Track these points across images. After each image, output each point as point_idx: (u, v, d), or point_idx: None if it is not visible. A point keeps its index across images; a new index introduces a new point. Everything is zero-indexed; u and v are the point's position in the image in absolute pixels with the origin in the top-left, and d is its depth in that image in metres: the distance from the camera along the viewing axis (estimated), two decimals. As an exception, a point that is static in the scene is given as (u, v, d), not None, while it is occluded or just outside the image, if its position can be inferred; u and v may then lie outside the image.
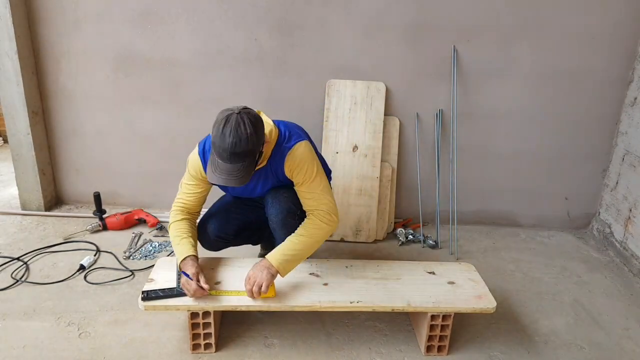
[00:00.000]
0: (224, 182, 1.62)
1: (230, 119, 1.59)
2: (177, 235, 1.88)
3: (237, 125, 1.57)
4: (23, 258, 2.40)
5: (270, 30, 2.68)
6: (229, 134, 1.56)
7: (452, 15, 2.64)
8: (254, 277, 1.73)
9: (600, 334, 2.07)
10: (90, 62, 2.76)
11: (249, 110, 1.64)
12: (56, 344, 1.83)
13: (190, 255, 1.80)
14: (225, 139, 1.57)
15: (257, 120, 1.64)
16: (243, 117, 1.59)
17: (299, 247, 1.79)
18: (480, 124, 2.85)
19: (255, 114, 1.66)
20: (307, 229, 1.83)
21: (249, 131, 1.58)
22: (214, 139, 1.61)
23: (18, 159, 2.86)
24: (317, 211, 1.83)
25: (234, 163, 1.60)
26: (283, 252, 1.79)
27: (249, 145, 1.59)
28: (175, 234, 1.89)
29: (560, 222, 3.08)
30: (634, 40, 2.70)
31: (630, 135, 2.75)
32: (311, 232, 1.82)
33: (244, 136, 1.57)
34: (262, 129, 1.67)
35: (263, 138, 1.67)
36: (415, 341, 1.94)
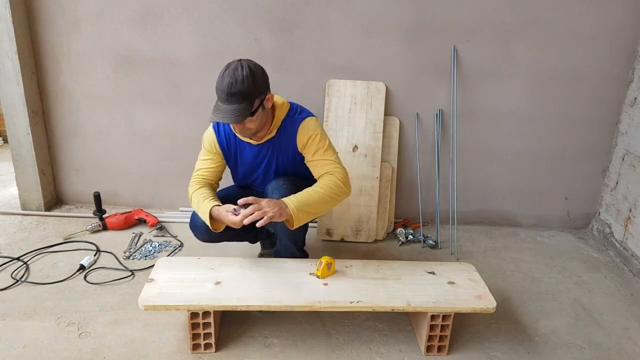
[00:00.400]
0: (220, 119, 1.70)
1: (230, 65, 1.70)
2: (199, 199, 1.90)
3: (235, 69, 1.68)
4: (23, 258, 2.40)
5: (271, 30, 2.68)
6: (227, 76, 1.67)
7: (452, 15, 2.64)
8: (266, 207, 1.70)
9: (600, 334, 2.07)
10: (90, 62, 2.76)
11: (251, 60, 1.74)
12: (56, 344, 1.83)
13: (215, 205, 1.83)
14: (224, 80, 1.68)
15: (257, 67, 1.73)
16: (243, 63, 1.70)
17: (314, 197, 1.79)
18: (480, 124, 2.85)
19: (257, 64, 1.74)
20: (323, 182, 1.84)
21: (245, 73, 1.67)
22: (216, 83, 1.71)
23: (18, 159, 2.86)
24: (334, 172, 1.86)
25: (230, 104, 1.69)
26: (299, 198, 1.77)
27: (244, 86, 1.67)
28: (197, 199, 1.91)
29: (560, 222, 3.09)
30: (634, 40, 2.70)
31: (630, 135, 2.75)
32: (327, 185, 1.82)
33: (239, 77, 1.66)
34: (262, 77, 1.74)
35: (263, 85, 1.75)
36: (415, 341, 1.95)
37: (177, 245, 2.62)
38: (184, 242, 2.66)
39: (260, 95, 1.74)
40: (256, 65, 1.74)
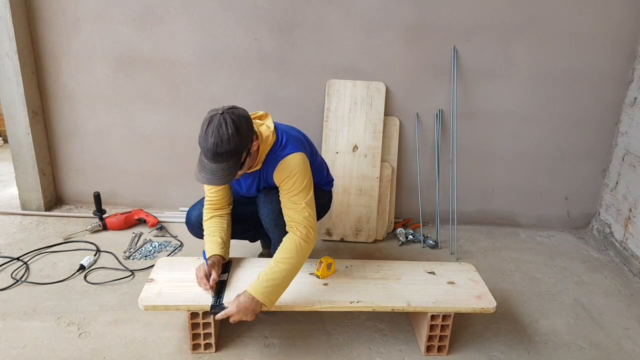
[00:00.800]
0: (207, 182, 1.63)
1: (213, 120, 1.59)
2: (206, 234, 1.94)
3: (218, 126, 1.57)
4: (23, 258, 2.40)
5: (271, 30, 2.68)
6: (211, 135, 1.57)
7: (452, 15, 2.64)
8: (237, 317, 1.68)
9: (600, 334, 2.07)
10: (90, 62, 2.76)
11: (233, 110, 1.62)
12: (56, 344, 1.83)
13: (214, 255, 1.85)
14: (208, 139, 1.58)
15: (241, 120, 1.62)
16: (226, 117, 1.59)
17: (280, 274, 1.71)
18: (480, 124, 2.85)
19: (240, 114, 1.63)
20: (286, 251, 1.74)
21: (231, 132, 1.57)
22: (199, 139, 1.62)
23: (18, 159, 2.86)
24: (296, 226, 1.77)
25: (217, 163, 1.61)
26: (265, 284, 1.69)
27: (230, 146, 1.58)
28: (205, 232, 1.95)
29: (560, 222, 3.09)
30: (634, 40, 2.70)
31: (630, 135, 2.75)
32: (290, 257, 1.72)
33: (225, 137, 1.57)
34: (247, 129, 1.64)
35: (249, 138, 1.66)
36: (415, 341, 1.94)
37: (177, 245, 2.62)
38: (184, 242, 2.66)
39: (247, 147, 1.66)
40: (239, 116, 1.62)
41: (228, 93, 2.80)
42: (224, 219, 1.97)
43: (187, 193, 3.03)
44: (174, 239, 2.70)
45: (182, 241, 2.67)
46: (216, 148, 1.57)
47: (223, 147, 1.57)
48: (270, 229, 1.96)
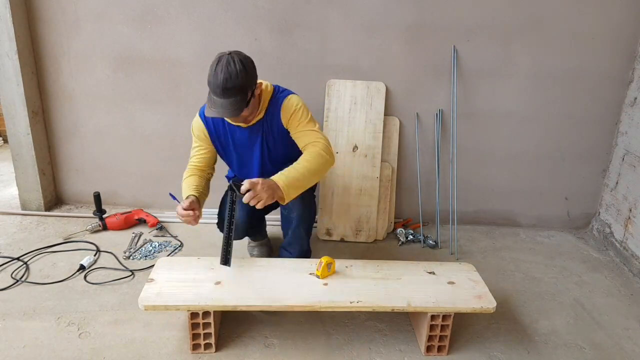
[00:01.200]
0: (218, 115, 1.76)
1: (222, 59, 1.74)
2: (185, 187, 2.04)
3: (227, 63, 1.72)
4: (23, 258, 2.40)
5: (271, 30, 2.68)
6: (221, 71, 1.72)
7: (452, 15, 2.64)
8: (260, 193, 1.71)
9: (600, 334, 2.07)
10: (90, 62, 2.76)
11: (239, 52, 1.79)
12: (56, 344, 1.83)
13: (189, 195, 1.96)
14: (218, 75, 1.72)
15: (247, 60, 1.79)
16: (234, 56, 1.75)
17: (301, 170, 1.82)
18: (480, 124, 2.85)
19: (246, 55, 1.80)
20: (307, 155, 1.87)
21: (239, 68, 1.73)
22: (208, 77, 1.76)
23: (18, 159, 2.86)
24: (317, 142, 1.90)
25: (226, 98, 1.74)
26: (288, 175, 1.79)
27: (239, 80, 1.73)
28: (183, 187, 2.05)
29: (560, 222, 3.09)
30: (634, 40, 2.70)
31: (630, 135, 2.75)
32: (311, 157, 1.85)
33: (234, 72, 1.72)
34: (253, 68, 1.81)
35: (254, 76, 1.82)
36: (415, 341, 1.95)
37: (177, 245, 2.62)
38: (184, 242, 2.66)
39: (252, 86, 1.82)
40: (246, 57, 1.79)
41: (228, 93, 2.80)
42: (202, 178, 2.09)
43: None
44: (174, 239, 2.70)
45: (182, 241, 2.67)
46: (226, 83, 1.71)
47: (232, 82, 1.72)
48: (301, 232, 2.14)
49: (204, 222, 2.90)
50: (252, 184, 1.70)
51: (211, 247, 2.62)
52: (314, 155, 1.86)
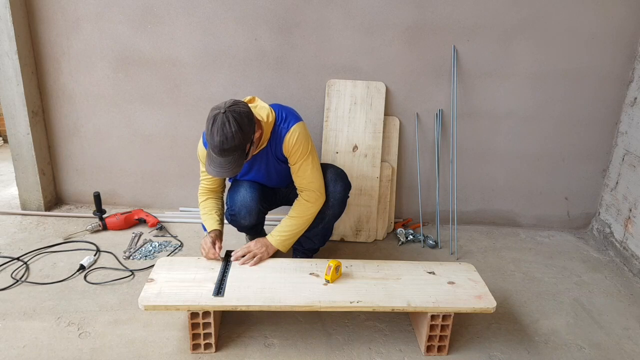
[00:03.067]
0: (218, 174, 1.81)
1: (217, 119, 1.73)
2: (204, 212, 2.15)
3: (222, 125, 1.71)
4: (23, 258, 2.40)
5: (271, 30, 2.68)
6: (217, 133, 1.72)
7: (452, 15, 2.64)
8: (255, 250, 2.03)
9: (600, 334, 2.07)
10: (90, 61, 2.76)
11: (234, 108, 1.75)
12: (56, 344, 1.83)
13: (214, 229, 2.07)
14: (214, 137, 1.73)
15: (242, 117, 1.75)
16: (228, 116, 1.72)
17: (292, 228, 2.08)
18: (480, 124, 2.85)
19: (241, 111, 1.76)
20: (296, 211, 2.08)
21: (234, 129, 1.72)
22: (206, 136, 1.78)
23: (18, 159, 2.86)
24: (306, 191, 2.07)
25: (225, 157, 1.76)
26: (280, 233, 2.08)
27: (235, 142, 1.73)
28: (202, 212, 2.17)
29: (560, 222, 3.09)
30: (634, 40, 2.70)
31: (630, 135, 2.75)
32: (300, 214, 2.08)
33: (229, 135, 1.72)
34: (248, 124, 1.78)
35: (250, 132, 1.80)
36: (415, 341, 1.95)
37: (177, 245, 2.62)
38: (184, 242, 2.66)
39: (249, 141, 1.82)
40: (240, 114, 1.75)
41: (228, 93, 2.80)
42: (219, 201, 2.21)
43: (187, 193, 3.03)
44: (174, 239, 2.70)
45: (182, 241, 2.67)
46: (222, 145, 1.73)
47: (228, 144, 1.73)
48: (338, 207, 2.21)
49: (204, 222, 2.91)
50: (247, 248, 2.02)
51: (211, 247, 2.62)
52: (303, 208, 2.07)
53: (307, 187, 2.05)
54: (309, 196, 2.06)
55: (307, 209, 2.07)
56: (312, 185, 2.05)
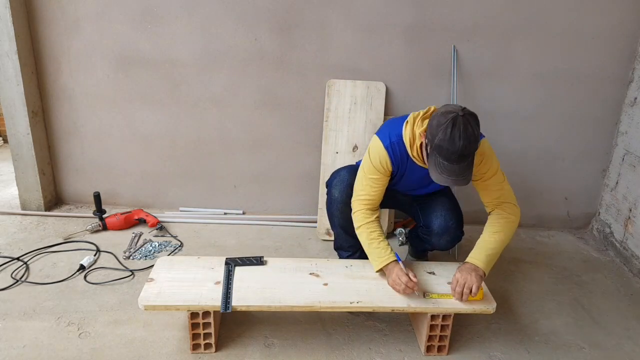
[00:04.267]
0: (454, 184, 1.66)
1: (457, 122, 1.59)
2: (374, 237, 1.90)
3: (465, 128, 1.59)
4: (23, 258, 2.40)
5: (271, 30, 2.68)
6: (459, 138, 1.58)
7: (452, 15, 2.64)
8: (464, 279, 1.78)
9: (600, 334, 2.07)
10: (90, 61, 2.76)
11: (468, 110, 1.65)
12: (56, 344, 1.83)
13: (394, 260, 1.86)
14: (455, 142, 1.58)
15: (477, 119, 1.66)
16: (468, 118, 1.61)
17: (497, 244, 1.87)
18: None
19: (474, 113, 1.67)
20: (500, 225, 1.89)
21: (476, 132, 1.62)
22: (441, 142, 1.60)
23: (18, 159, 2.86)
24: (505, 204, 1.90)
25: (461, 163, 1.63)
26: (485, 252, 1.85)
27: (476, 145, 1.63)
28: (371, 236, 1.91)
29: (560, 222, 3.08)
30: (634, 40, 2.70)
31: (630, 135, 2.75)
32: (505, 228, 1.88)
33: (472, 138, 1.60)
34: None
35: None
36: (415, 341, 1.95)
37: (177, 245, 2.62)
38: (184, 242, 2.66)
39: None
40: (475, 115, 1.66)
41: (228, 93, 2.80)
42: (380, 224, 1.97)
43: (187, 193, 3.03)
44: (174, 239, 2.70)
45: (182, 241, 2.67)
46: (464, 150, 1.59)
47: (470, 148, 1.61)
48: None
49: (203, 222, 2.92)
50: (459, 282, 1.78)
51: (211, 247, 2.62)
52: (507, 222, 1.89)
53: (505, 200, 1.90)
54: (512, 210, 1.90)
55: (511, 223, 1.89)
56: (510, 199, 1.91)
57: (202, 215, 2.98)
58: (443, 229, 2.02)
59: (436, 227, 2.02)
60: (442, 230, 2.02)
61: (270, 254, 2.58)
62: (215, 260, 2.00)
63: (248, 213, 3.06)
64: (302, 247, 2.69)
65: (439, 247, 2.08)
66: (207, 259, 2.01)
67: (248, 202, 3.06)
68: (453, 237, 2.05)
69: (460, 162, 1.62)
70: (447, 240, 2.04)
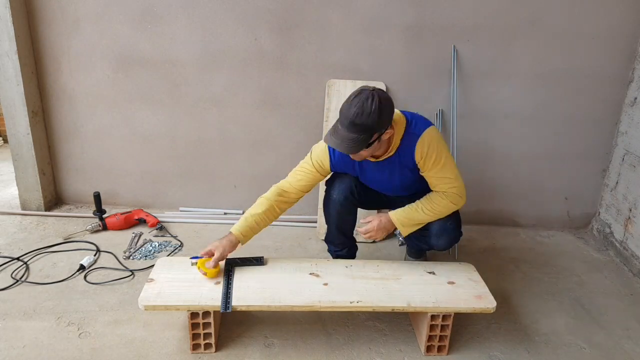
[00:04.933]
0: (335, 146, 1.72)
1: (362, 93, 1.67)
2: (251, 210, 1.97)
3: (365, 99, 1.65)
4: (23, 258, 2.40)
5: (271, 30, 2.68)
6: (355, 105, 1.66)
7: (452, 15, 2.64)
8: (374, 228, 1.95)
9: (600, 334, 2.07)
10: (90, 61, 2.76)
11: (382, 92, 1.70)
12: (56, 344, 1.83)
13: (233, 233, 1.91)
14: (351, 107, 1.66)
15: (387, 103, 1.69)
16: (374, 94, 1.66)
17: (421, 217, 1.93)
18: (480, 124, 2.85)
19: (388, 97, 1.71)
20: (433, 204, 1.92)
21: (374, 107, 1.65)
22: (342, 106, 1.70)
23: (18, 159, 2.86)
24: (448, 193, 1.92)
25: (350, 132, 1.68)
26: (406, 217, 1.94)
27: (368, 120, 1.65)
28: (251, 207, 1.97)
29: (560, 222, 3.09)
30: (634, 40, 2.70)
31: (630, 135, 2.75)
32: (436, 209, 1.92)
33: (367, 110, 1.64)
34: (388, 113, 1.71)
35: (386, 122, 1.72)
36: (415, 341, 1.94)
37: (177, 245, 2.62)
38: (184, 242, 2.66)
39: (380, 130, 1.72)
40: (387, 99, 1.70)
41: (228, 93, 2.80)
42: (277, 213, 2.00)
43: (187, 193, 3.03)
44: (174, 239, 2.70)
45: (182, 241, 2.67)
46: (355, 117, 1.65)
47: (361, 119, 1.65)
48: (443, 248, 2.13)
49: (204, 222, 2.92)
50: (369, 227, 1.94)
51: (211, 247, 2.62)
52: (441, 206, 1.92)
53: (448, 191, 1.91)
54: (452, 197, 1.92)
55: (444, 207, 1.92)
56: (455, 190, 1.92)
57: (202, 215, 2.98)
58: (441, 230, 2.02)
59: (434, 228, 2.02)
60: (440, 230, 2.02)
61: (270, 254, 2.58)
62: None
63: (248, 213, 3.05)
64: (302, 247, 2.69)
65: (438, 248, 2.09)
66: (207, 259, 2.01)
67: (248, 202, 3.01)
68: (451, 238, 2.05)
69: (349, 130, 1.68)
70: (445, 241, 2.04)
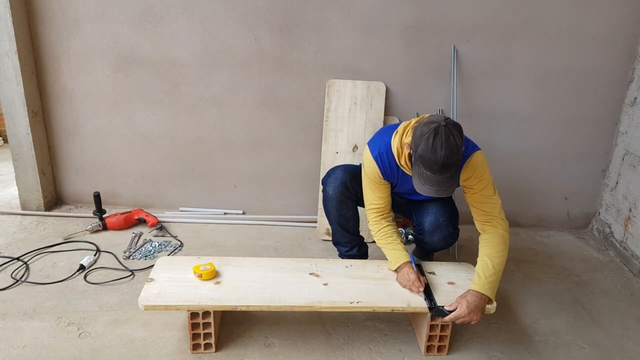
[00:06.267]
0: (435, 194, 1.66)
1: (439, 132, 1.59)
2: (388, 241, 1.97)
3: (447, 138, 1.58)
4: (23, 258, 2.40)
5: (271, 30, 2.68)
6: (441, 147, 1.57)
7: (452, 15, 2.64)
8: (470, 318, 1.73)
9: (600, 334, 2.07)
10: (90, 61, 2.76)
11: (451, 120, 1.64)
12: (56, 344, 1.83)
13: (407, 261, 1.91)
14: (437, 152, 1.58)
15: (460, 129, 1.65)
16: (451, 128, 1.60)
17: (497, 268, 1.80)
18: (480, 123, 2.85)
19: (457, 123, 1.66)
20: (496, 247, 1.84)
21: (459, 143, 1.60)
22: (423, 152, 1.61)
23: (18, 159, 2.86)
24: (495, 220, 1.88)
25: (443, 173, 1.63)
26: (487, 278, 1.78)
27: (458, 156, 1.62)
28: (386, 240, 1.98)
29: (560, 222, 3.09)
30: (634, 40, 2.70)
31: (630, 135, 2.75)
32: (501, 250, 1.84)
33: (454, 148, 1.59)
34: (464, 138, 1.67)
35: None
36: (415, 341, 1.94)
37: (177, 245, 2.62)
38: (184, 242, 2.66)
39: None
40: (458, 126, 1.65)
41: (228, 93, 2.80)
42: (395, 227, 2.02)
43: (187, 193, 3.03)
44: (174, 239, 2.70)
45: (182, 241, 2.67)
46: (446, 159, 1.58)
47: (452, 159, 1.60)
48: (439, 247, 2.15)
49: (203, 222, 2.92)
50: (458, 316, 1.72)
51: (211, 247, 2.62)
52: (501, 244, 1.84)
53: (497, 216, 1.89)
54: (502, 224, 1.88)
55: (505, 240, 1.86)
56: (497, 212, 1.90)
57: (202, 215, 2.98)
58: (434, 226, 2.03)
59: (427, 225, 2.03)
60: (433, 227, 2.03)
61: (270, 254, 2.58)
62: (215, 260, 2.00)
63: (248, 213, 3.06)
64: (302, 247, 2.69)
65: (434, 246, 2.08)
66: (207, 259, 2.00)
67: (248, 202, 3.06)
68: (445, 234, 2.05)
69: (442, 173, 1.62)
70: (439, 238, 2.04)
